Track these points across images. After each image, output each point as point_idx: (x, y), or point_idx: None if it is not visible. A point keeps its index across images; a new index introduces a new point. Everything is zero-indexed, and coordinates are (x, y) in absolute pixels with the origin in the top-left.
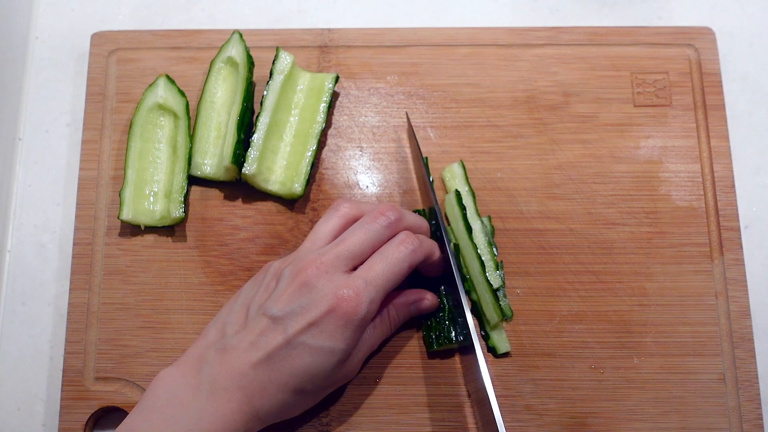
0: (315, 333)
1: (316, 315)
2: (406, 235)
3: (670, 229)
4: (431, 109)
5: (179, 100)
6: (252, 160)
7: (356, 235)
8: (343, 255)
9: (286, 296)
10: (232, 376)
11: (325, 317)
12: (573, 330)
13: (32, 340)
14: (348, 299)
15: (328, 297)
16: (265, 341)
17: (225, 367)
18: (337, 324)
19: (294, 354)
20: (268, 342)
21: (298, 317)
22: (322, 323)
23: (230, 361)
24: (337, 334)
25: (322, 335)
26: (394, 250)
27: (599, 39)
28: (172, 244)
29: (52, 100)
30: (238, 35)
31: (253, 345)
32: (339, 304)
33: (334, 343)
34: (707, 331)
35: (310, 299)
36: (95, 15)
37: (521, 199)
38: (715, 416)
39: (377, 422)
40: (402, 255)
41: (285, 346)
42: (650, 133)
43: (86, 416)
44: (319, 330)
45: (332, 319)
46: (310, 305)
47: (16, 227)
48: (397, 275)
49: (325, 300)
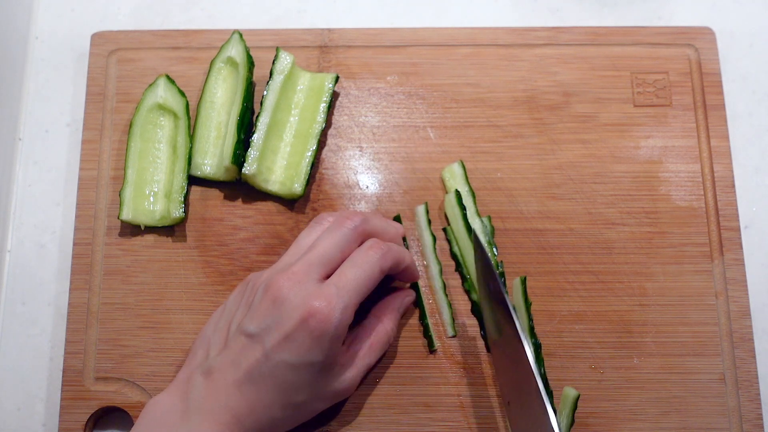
0: (291, 347)
1: (289, 328)
2: (374, 242)
3: (670, 229)
4: (431, 109)
5: (179, 100)
6: (252, 160)
7: (324, 241)
8: (314, 262)
9: (260, 312)
10: (218, 397)
11: (298, 329)
12: (573, 330)
13: (32, 340)
14: (320, 309)
15: (300, 308)
16: (245, 360)
17: (211, 389)
18: (312, 335)
19: (274, 370)
20: (248, 360)
21: (273, 332)
22: (296, 337)
23: (215, 382)
24: (314, 346)
25: (299, 348)
26: (363, 255)
27: (599, 39)
28: (172, 244)
29: (52, 100)
30: (238, 35)
31: (234, 364)
32: (311, 315)
33: (312, 354)
34: (707, 331)
35: (282, 312)
36: (95, 15)
37: (521, 199)
38: (715, 416)
39: (377, 422)
40: (372, 259)
41: (264, 362)
42: (650, 133)
43: (86, 416)
44: (295, 343)
45: (306, 331)
46: (282, 319)
47: (16, 227)
48: (369, 280)
49: (297, 311)
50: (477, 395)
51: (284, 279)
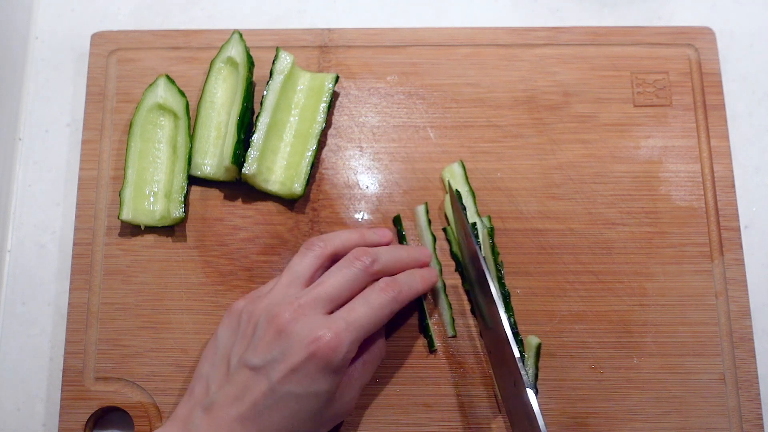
0: (297, 378)
1: (297, 361)
2: (388, 283)
3: (670, 229)
4: (431, 109)
5: (179, 100)
6: (252, 160)
7: (334, 277)
8: (322, 298)
9: (264, 344)
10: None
11: (305, 362)
12: (573, 330)
13: (32, 340)
14: (328, 342)
15: (307, 341)
16: (249, 394)
17: (212, 426)
18: (318, 367)
19: (280, 402)
20: (253, 394)
21: (279, 364)
22: (303, 368)
23: (217, 418)
24: (319, 377)
25: (305, 380)
26: (376, 296)
27: (599, 39)
28: (172, 244)
29: (52, 100)
30: (238, 35)
31: (237, 399)
32: (319, 348)
33: (318, 386)
34: (707, 331)
35: (289, 345)
36: (95, 15)
37: (521, 199)
38: (715, 416)
39: (377, 422)
40: (384, 301)
41: (270, 395)
42: (650, 133)
43: (86, 416)
44: (302, 375)
45: (313, 363)
46: (289, 351)
47: (16, 227)
48: (379, 319)
49: (304, 344)
50: (477, 395)
51: (290, 311)
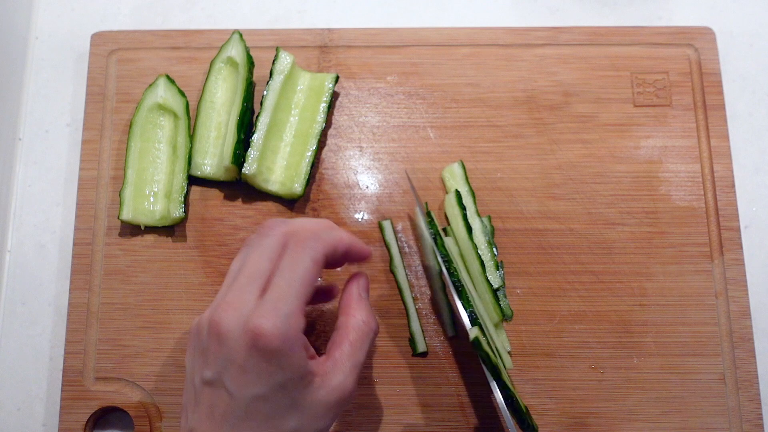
0: (251, 378)
1: (241, 360)
2: (294, 240)
3: (670, 229)
4: (431, 109)
5: (179, 100)
6: (252, 160)
7: (250, 257)
8: (245, 283)
9: (211, 355)
10: None
11: (249, 358)
12: (573, 330)
13: (32, 340)
14: (260, 329)
15: (243, 335)
16: (216, 410)
17: None
18: (263, 358)
19: (249, 409)
20: (219, 409)
21: (229, 370)
22: (251, 365)
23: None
24: (273, 368)
25: (260, 377)
26: (287, 258)
27: (599, 39)
28: (172, 244)
29: (52, 100)
30: (238, 35)
31: (210, 417)
32: (254, 338)
33: (275, 377)
34: (707, 331)
35: (228, 346)
36: (95, 15)
37: (521, 199)
38: (715, 416)
39: (377, 422)
40: (298, 257)
41: (234, 404)
42: (650, 133)
43: (86, 416)
44: (254, 373)
45: (257, 356)
46: (231, 353)
47: (16, 227)
48: (305, 278)
49: (242, 340)
50: (477, 395)
51: (221, 312)
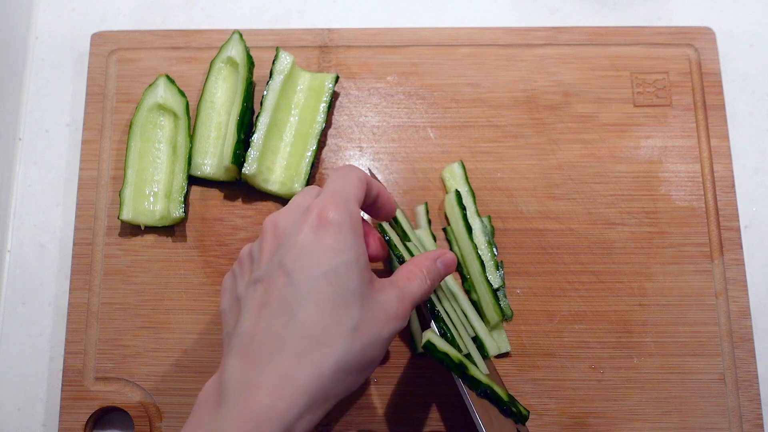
0: (315, 256)
1: (301, 239)
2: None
3: (670, 229)
4: (431, 109)
5: (179, 100)
6: (252, 160)
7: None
8: (293, 207)
9: (264, 252)
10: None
11: (311, 233)
12: (573, 330)
13: (32, 340)
14: (323, 205)
15: (304, 217)
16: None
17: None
18: (327, 232)
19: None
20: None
21: (289, 251)
22: (311, 239)
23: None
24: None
25: (324, 254)
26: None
27: (599, 39)
28: (172, 244)
29: (52, 100)
30: (238, 35)
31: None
32: (318, 213)
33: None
34: (707, 331)
35: (287, 234)
36: (95, 15)
37: (521, 199)
38: (715, 416)
39: (377, 422)
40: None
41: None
42: (650, 133)
43: (86, 416)
44: (318, 251)
45: (321, 230)
46: (291, 237)
47: (16, 227)
48: (357, 184)
49: (301, 223)
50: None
51: (273, 216)
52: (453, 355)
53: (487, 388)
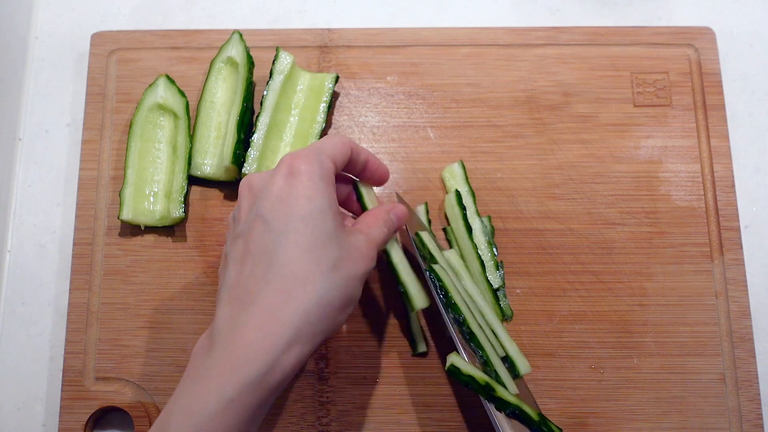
0: (290, 203)
1: (278, 188)
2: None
3: (670, 229)
4: (431, 109)
5: (179, 100)
6: (252, 160)
7: None
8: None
9: (243, 209)
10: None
11: (285, 183)
12: (573, 330)
13: (32, 340)
14: (299, 156)
15: (277, 171)
16: (253, 245)
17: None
18: (300, 181)
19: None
20: (255, 242)
21: (266, 200)
22: (287, 192)
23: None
24: (310, 188)
25: (298, 201)
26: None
27: (599, 39)
28: (172, 244)
29: (52, 100)
30: (238, 35)
31: (245, 257)
32: (290, 164)
33: (316, 201)
34: (707, 331)
35: (264, 188)
36: (95, 15)
37: (521, 199)
38: (715, 416)
39: (377, 422)
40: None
41: (273, 234)
42: (650, 133)
43: (86, 416)
44: (292, 198)
45: (293, 179)
46: (268, 190)
47: (16, 227)
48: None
49: (278, 175)
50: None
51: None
52: (478, 377)
53: (516, 409)
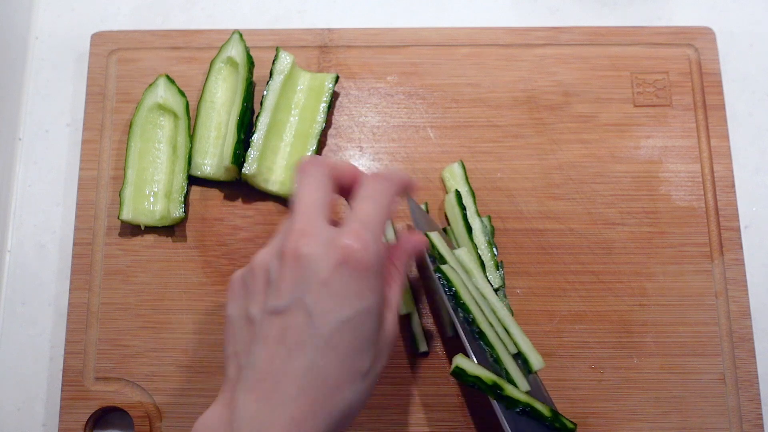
0: (339, 300)
1: (327, 274)
2: (374, 174)
3: (670, 229)
4: (431, 109)
5: (179, 100)
6: (252, 160)
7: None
8: (310, 212)
9: (285, 281)
10: (276, 403)
11: (337, 271)
12: (573, 330)
13: (32, 340)
14: (352, 245)
15: (330, 255)
16: (291, 338)
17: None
18: (353, 275)
19: (334, 336)
20: (294, 336)
21: (313, 291)
22: (338, 280)
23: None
24: (361, 287)
25: (345, 295)
26: (372, 186)
27: (599, 39)
28: (172, 244)
29: (52, 100)
30: (238, 35)
31: (280, 346)
32: (345, 251)
33: (363, 299)
34: (707, 331)
35: (311, 266)
36: (95, 15)
37: (521, 199)
38: (715, 416)
39: (377, 422)
40: (384, 188)
41: (311, 328)
42: (650, 133)
43: (86, 416)
44: (342, 295)
45: (347, 270)
46: (314, 271)
47: (16, 227)
48: (386, 210)
49: (328, 257)
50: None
51: (294, 237)
52: (485, 377)
53: (526, 406)
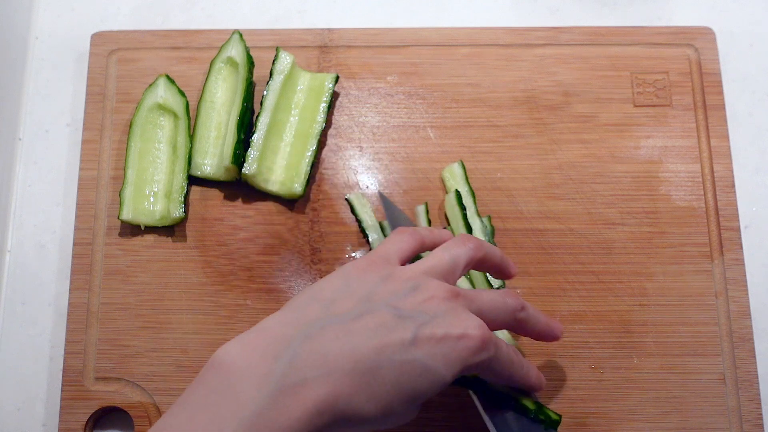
0: (438, 348)
1: (446, 332)
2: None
3: (670, 229)
4: (431, 109)
5: (179, 100)
6: (252, 160)
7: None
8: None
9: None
10: (324, 361)
11: (454, 340)
12: (573, 330)
13: (32, 340)
14: (477, 337)
15: (459, 324)
16: (385, 331)
17: (317, 349)
18: (460, 353)
19: (407, 363)
20: (389, 333)
21: (429, 325)
22: (447, 343)
23: (328, 342)
24: (453, 363)
25: (443, 357)
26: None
27: (599, 39)
28: (172, 244)
29: (52, 100)
30: (238, 35)
31: (368, 329)
32: (470, 336)
33: (445, 370)
34: (707, 331)
35: (451, 315)
36: (95, 15)
37: (521, 199)
38: (715, 416)
39: None
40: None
41: (407, 345)
42: (650, 133)
43: (86, 416)
44: (444, 350)
45: (459, 346)
46: (441, 321)
47: (16, 227)
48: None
49: (457, 325)
50: None
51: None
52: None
53: (510, 400)
